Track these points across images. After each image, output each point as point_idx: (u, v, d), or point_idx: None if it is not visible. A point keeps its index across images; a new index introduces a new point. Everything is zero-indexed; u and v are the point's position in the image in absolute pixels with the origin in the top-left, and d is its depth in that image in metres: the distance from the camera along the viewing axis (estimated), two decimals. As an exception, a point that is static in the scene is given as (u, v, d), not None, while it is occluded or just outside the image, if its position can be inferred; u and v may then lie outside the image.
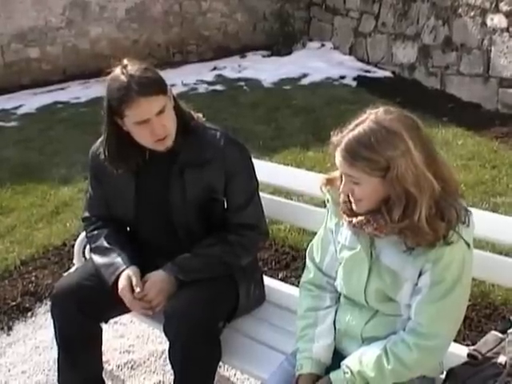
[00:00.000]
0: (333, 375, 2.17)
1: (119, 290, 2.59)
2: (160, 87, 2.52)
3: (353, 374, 2.12)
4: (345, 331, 2.30)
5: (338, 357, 2.28)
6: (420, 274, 2.09)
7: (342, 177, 2.14)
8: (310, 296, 2.40)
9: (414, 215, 1.98)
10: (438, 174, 2.03)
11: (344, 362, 2.18)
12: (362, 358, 2.14)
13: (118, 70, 2.52)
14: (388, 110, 2.05)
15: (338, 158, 2.06)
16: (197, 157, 2.65)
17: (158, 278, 2.60)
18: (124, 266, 2.64)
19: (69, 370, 2.79)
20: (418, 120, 2.07)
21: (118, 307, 2.67)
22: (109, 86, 2.52)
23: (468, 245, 2.07)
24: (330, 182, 2.27)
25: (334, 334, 2.34)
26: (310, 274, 2.44)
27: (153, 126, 2.49)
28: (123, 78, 2.47)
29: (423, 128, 2.07)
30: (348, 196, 2.14)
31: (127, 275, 2.60)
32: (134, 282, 2.58)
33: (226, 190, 2.69)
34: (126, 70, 2.49)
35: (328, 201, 2.34)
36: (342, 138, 2.05)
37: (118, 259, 2.68)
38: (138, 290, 2.56)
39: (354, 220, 2.12)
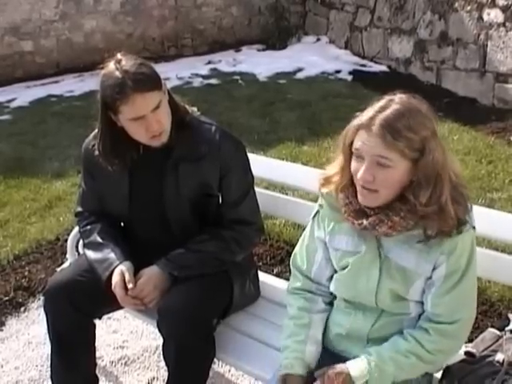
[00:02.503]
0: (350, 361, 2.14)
1: (112, 286, 2.56)
2: (155, 83, 2.48)
3: (369, 354, 2.10)
4: (347, 334, 2.26)
5: (338, 359, 2.23)
6: (434, 268, 2.07)
7: (342, 167, 2.09)
8: (303, 298, 2.36)
9: (442, 198, 1.98)
10: (451, 161, 2.06)
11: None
12: (381, 345, 2.13)
13: (111, 66, 2.47)
14: (407, 95, 2.06)
15: (371, 137, 1.97)
16: (192, 152, 2.62)
17: (152, 273, 2.57)
18: (117, 262, 2.61)
19: (62, 366, 2.77)
20: None
21: (111, 303, 2.64)
22: (103, 83, 2.48)
23: (473, 227, 2.08)
24: (327, 181, 2.20)
25: (329, 338, 2.32)
26: (298, 282, 2.39)
27: (148, 122, 2.46)
28: (118, 73, 2.43)
29: None
30: (352, 194, 2.10)
31: (120, 271, 2.58)
32: (127, 277, 2.56)
33: (221, 185, 2.66)
34: (120, 65, 2.45)
35: (321, 206, 2.29)
36: (373, 118, 1.98)
37: (111, 254, 2.65)
38: (130, 285, 2.53)
39: (365, 222, 2.07)
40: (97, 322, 2.82)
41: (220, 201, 2.73)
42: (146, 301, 2.55)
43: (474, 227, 2.08)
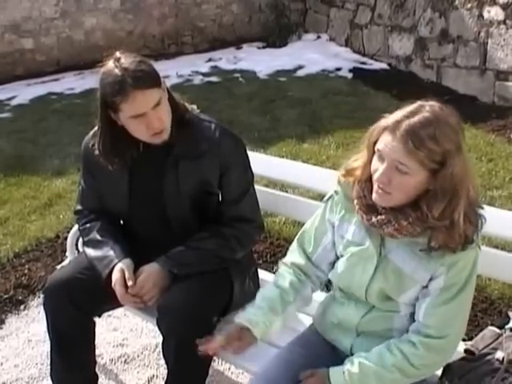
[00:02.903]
0: (333, 368, 2.14)
1: (113, 283, 2.56)
2: (155, 80, 2.47)
3: (353, 365, 2.10)
4: (338, 323, 2.29)
5: (328, 348, 2.28)
6: (431, 279, 2.07)
7: (368, 162, 2.09)
8: (296, 277, 2.38)
9: (455, 214, 1.96)
10: (471, 178, 2.04)
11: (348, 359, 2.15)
12: (366, 355, 2.12)
13: (111, 64, 2.46)
14: (439, 105, 2.02)
15: (393, 142, 1.95)
16: (192, 149, 2.62)
17: (152, 271, 2.57)
18: (117, 259, 2.61)
19: (61, 364, 2.77)
20: None
21: (111, 301, 2.63)
22: (102, 81, 2.47)
23: (479, 246, 2.07)
24: (349, 172, 2.19)
25: (324, 325, 2.34)
26: (298, 259, 2.41)
27: (149, 119, 2.45)
28: (117, 71, 2.42)
29: None
30: (368, 189, 2.10)
31: (120, 268, 2.58)
32: (127, 275, 2.55)
33: (221, 183, 2.66)
34: (119, 63, 2.44)
35: (337, 193, 2.29)
36: (399, 122, 1.96)
37: (111, 252, 2.65)
38: (130, 283, 2.53)
39: (374, 219, 2.07)
40: (96, 319, 2.82)
41: (220, 198, 2.72)
42: (146, 298, 2.55)
43: (479, 247, 2.07)
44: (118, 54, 2.50)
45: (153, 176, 2.65)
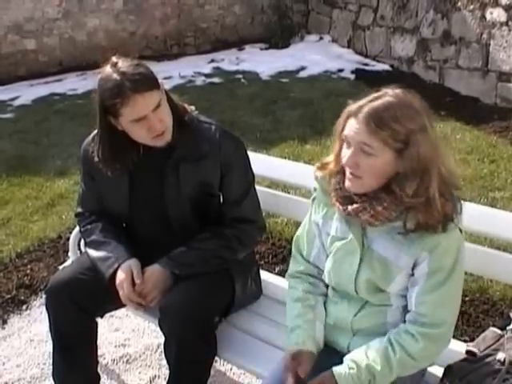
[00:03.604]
0: (336, 370, 2.11)
1: (117, 283, 2.56)
2: (153, 82, 2.47)
3: (359, 368, 2.07)
4: (334, 323, 2.29)
5: (326, 350, 2.26)
6: (415, 264, 2.08)
7: (337, 153, 2.12)
8: (307, 281, 2.38)
9: (429, 191, 1.99)
10: (443, 159, 2.06)
11: (348, 357, 2.13)
12: (367, 352, 2.10)
13: (108, 69, 2.46)
14: (403, 90, 2.07)
15: (357, 125, 2.01)
16: (192, 151, 2.62)
17: (154, 272, 2.57)
18: (122, 259, 2.61)
19: (63, 364, 2.77)
20: None
21: (113, 301, 2.64)
22: (101, 87, 2.46)
23: (460, 230, 2.08)
24: (324, 166, 2.23)
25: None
26: (300, 265, 2.42)
27: (150, 122, 2.45)
28: (115, 76, 2.41)
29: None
30: (342, 180, 2.12)
31: (128, 266, 2.57)
32: (136, 273, 2.55)
33: (222, 184, 2.66)
34: (116, 67, 2.44)
35: (315, 190, 2.31)
36: (362, 106, 2.02)
37: (114, 252, 2.65)
38: (138, 281, 2.53)
39: (350, 208, 2.09)
40: (98, 320, 2.82)
41: (221, 200, 2.73)
42: (148, 299, 2.55)
43: (460, 230, 2.07)
44: (114, 58, 2.49)
45: (153, 178, 2.65)
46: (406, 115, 1.99)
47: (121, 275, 2.56)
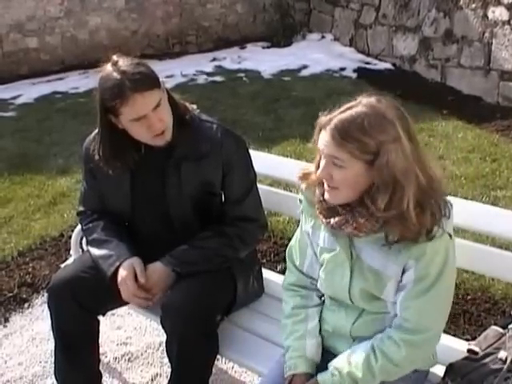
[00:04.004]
0: (321, 377, 2.13)
1: (119, 280, 2.56)
2: (154, 81, 2.46)
3: (342, 375, 2.08)
4: (333, 331, 2.28)
5: (327, 355, 2.26)
6: (403, 272, 2.06)
7: (318, 164, 2.09)
8: (298, 295, 2.38)
9: (402, 204, 1.94)
10: (424, 168, 2.00)
11: (332, 364, 2.14)
12: (350, 359, 2.11)
13: (108, 68, 2.46)
14: (380, 99, 2.02)
15: (325, 137, 2.00)
16: (194, 150, 2.61)
17: (156, 269, 2.57)
18: (124, 257, 2.61)
19: (65, 363, 2.77)
20: (406, 113, 2.03)
21: (115, 299, 2.64)
22: (101, 85, 2.46)
23: (450, 236, 2.04)
24: (306, 176, 2.21)
25: (321, 333, 2.32)
26: (293, 276, 2.41)
27: (150, 121, 2.45)
28: (116, 75, 2.41)
29: (411, 122, 2.03)
30: (323, 193, 2.10)
31: (130, 264, 2.57)
32: (139, 271, 2.55)
33: (224, 183, 2.66)
34: (117, 66, 2.44)
35: (300, 201, 2.30)
36: (331, 118, 1.99)
37: (116, 250, 2.65)
38: (143, 280, 2.53)
39: (332, 221, 2.07)
40: (100, 318, 2.82)
41: (223, 199, 2.73)
42: (149, 296, 2.55)
43: (450, 235, 2.03)
44: (115, 57, 2.49)
45: (155, 177, 2.65)
46: (376, 126, 1.94)
47: (123, 273, 2.56)
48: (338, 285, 2.19)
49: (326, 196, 2.08)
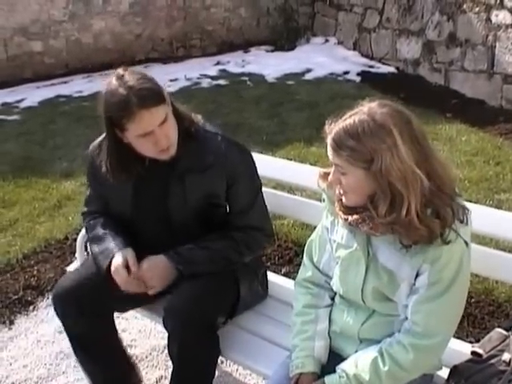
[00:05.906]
0: (328, 379, 2.14)
1: (112, 270, 2.55)
2: (160, 96, 2.43)
3: (348, 377, 2.09)
4: (340, 332, 2.28)
5: (333, 356, 2.27)
6: (417, 275, 2.06)
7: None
8: (310, 293, 2.39)
9: (402, 210, 1.95)
10: (432, 171, 1.99)
11: (339, 366, 2.15)
12: (357, 362, 2.11)
13: (114, 82, 2.42)
14: (382, 103, 2.03)
15: (328, 146, 2.05)
16: (198, 163, 2.60)
17: (157, 261, 2.56)
18: (117, 249, 2.61)
19: (85, 361, 2.82)
20: (411, 116, 2.03)
21: (121, 302, 2.65)
22: (107, 100, 2.43)
23: (466, 243, 2.04)
24: (326, 176, 2.21)
25: (329, 334, 2.33)
26: (307, 272, 2.42)
27: (156, 137, 2.43)
28: (122, 90, 2.38)
29: (417, 124, 2.03)
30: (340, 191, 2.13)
31: (122, 255, 2.57)
32: (131, 261, 2.55)
33: (228, 194, 2.66)
34: (123, 81, 2.40)
35: (324, 200, 2.32)
36: (334, 127, 2.03)
37: (111, 244, 2.65)
38: (134, 269, 2.52)
39: (350, 218, 2.09)
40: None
41: (227, 210, 2.73)
42: (148, 285, 2.54)
43: (466, 243, 2.04)
44: (120, 71, 2.47)
45: (158, 189, 2.64)
46: (369, 133, 1.95)
47: (115, 262, 2.56)
48: (351, 282, 2.21)
49: (343, 199, 2.12)
